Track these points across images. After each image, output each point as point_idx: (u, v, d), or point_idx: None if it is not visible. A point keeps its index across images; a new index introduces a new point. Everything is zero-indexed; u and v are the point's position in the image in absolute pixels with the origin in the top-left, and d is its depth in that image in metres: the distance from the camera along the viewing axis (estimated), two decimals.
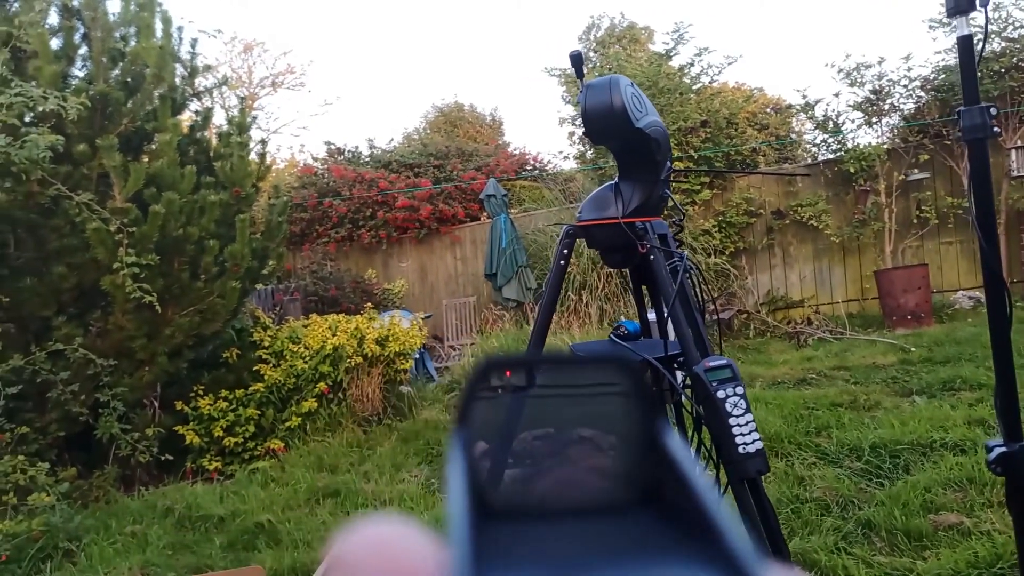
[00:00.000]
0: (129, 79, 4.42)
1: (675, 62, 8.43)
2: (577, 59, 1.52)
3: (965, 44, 1.15)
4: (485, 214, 8.55)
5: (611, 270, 6.91)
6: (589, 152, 8.94)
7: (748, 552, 0.15)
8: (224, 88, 6.07)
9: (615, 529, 0.17)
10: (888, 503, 2.79)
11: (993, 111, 1.13)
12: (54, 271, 4.00)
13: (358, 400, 5.17)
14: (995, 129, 1.13)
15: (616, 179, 1.62)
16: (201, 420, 4.66)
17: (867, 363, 5.20)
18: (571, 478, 0.19)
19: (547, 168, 10.65)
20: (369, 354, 5.18)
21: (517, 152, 11.49)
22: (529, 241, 8.12)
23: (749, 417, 1.42)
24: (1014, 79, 6.65)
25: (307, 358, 5.05)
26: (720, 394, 1.41)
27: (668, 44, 8.61)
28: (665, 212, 1.80)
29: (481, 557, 0.15)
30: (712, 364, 1.44)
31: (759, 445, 1.42)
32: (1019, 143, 6.71)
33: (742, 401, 1.42)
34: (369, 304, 6.98)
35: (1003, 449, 1.15)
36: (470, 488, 0.17)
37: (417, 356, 6.48)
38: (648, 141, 1.49)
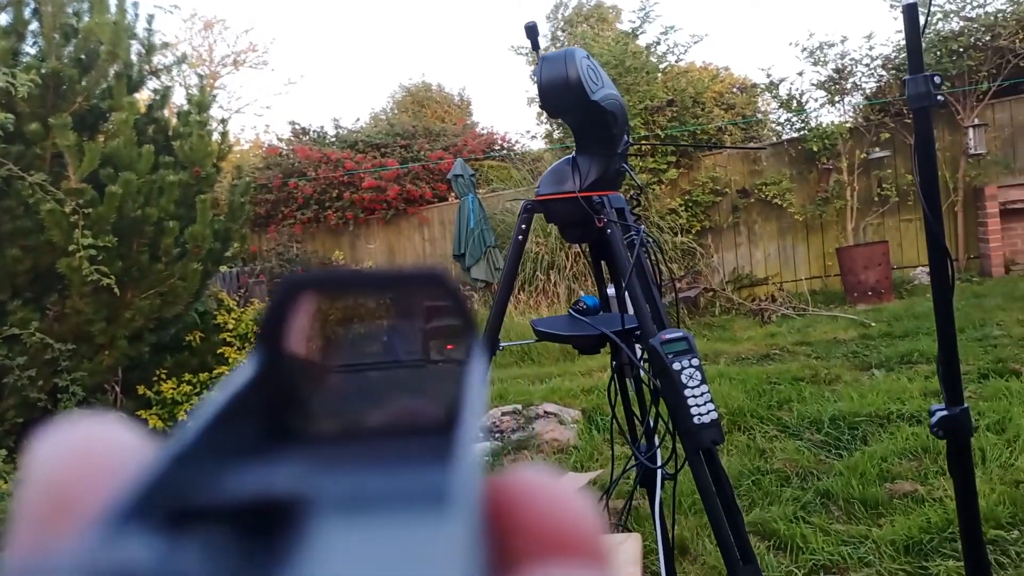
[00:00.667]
0: (83, 56, 4.30)
1: (641, 41, 8.42)
2: (532, 31, 1.51)
3: (911, 13, 1.16)
4: (453, 194, 8.50)
5: (579, 250, 6.93)
6: (557, 132, 8.92)
7: (469, 449, 0.15)
8: (183, 66, 5.94)
9: (399, 447, 0.17)
10: (846, 473, 2.86)
11: (937, 79, 1.15)
12: (8, 254, 3.90)
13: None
14: (939, 98, 1.15)
15: (574, 153, 1.62)
16: (164, 404, 4.60)
17: (828, 338, 5.30)
18: (385, 404, 0.19)
19: (515, 148, 10.62)
20: None
21: (485, 132, 11.43)
22: (497, 221, 8.10)
23: (704, 388, 1.44)
24: (972, 58, 6.76)
25: None
26: (676, 366, 1.43)
27: (634, 23, 8.60)
28: (627, 190, 1.80)
29: (211, 459, 0.15)
30: (668, 337, 1.46)
31: (714, 416, 1.43)
32: (977, 121, 6.84)
33: (697, 373, 1.43)
34: None
35: (945, 413, 1.18)
36: (244, 404, 0.17)
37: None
38: (604, 114, 1.49)
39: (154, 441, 0.15)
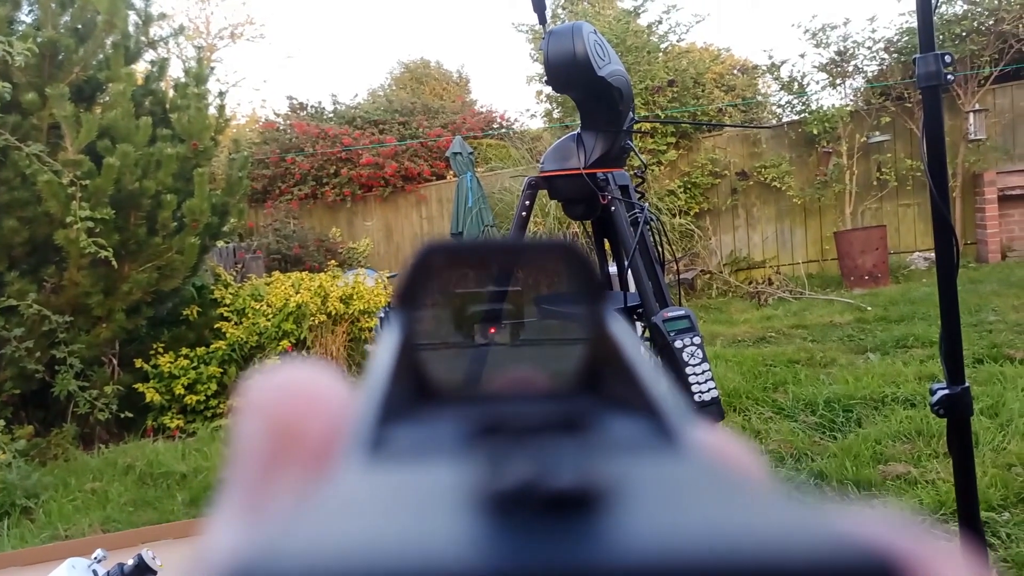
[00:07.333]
0: (80, 25, 4.25)
1: (643, 20, 8.36)
2: (539, 3, 1.50)
3: None
4: (451, 172, 8.47)
5: (578, 230, 6.91)
6: (556, 111, 8.87)
7: (676, 408, 0.15)
8: (181, 38, 5.87)
9: (553, 407, 0.17)
10: (840, 455, 2.88)
11: (948, 58, 1.14)
12: (5, 225, 3.87)
13: (323, 358, 5.14)
14: (949, 77, 1.15)
15: (579, 129, 1.61)
16: (162, 378, 4.60)
17: (824, 322, 5.31)
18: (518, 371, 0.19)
19: (514, 126, 10.56)
20: (333, 312, 5.14)
21: (484, 110, 11.36)
22: (495, 200, 8.06)
23: (706, 366, 1.44)
24: (975, 42, 6.72)
25: (270, 316, 5.00)
26: (677, 344, 1.43)
27: (637, 1, 8.52)
28: (629, 168, 1.79)
29: (394, 409, 0.15)
30: (670, 315, 1.46)
31: (715, 394, 1.44)
32: (977, 106, 6.82)
33: (699, 351, 1.44)
34: (333, 262, 6.91)
35: (946, 391, 1.19)
36: (401, 357, 0.17)
37: (382, 315, 6.45)
38: (610, 90, 1.48)
39: (352, 386, 0.15)
